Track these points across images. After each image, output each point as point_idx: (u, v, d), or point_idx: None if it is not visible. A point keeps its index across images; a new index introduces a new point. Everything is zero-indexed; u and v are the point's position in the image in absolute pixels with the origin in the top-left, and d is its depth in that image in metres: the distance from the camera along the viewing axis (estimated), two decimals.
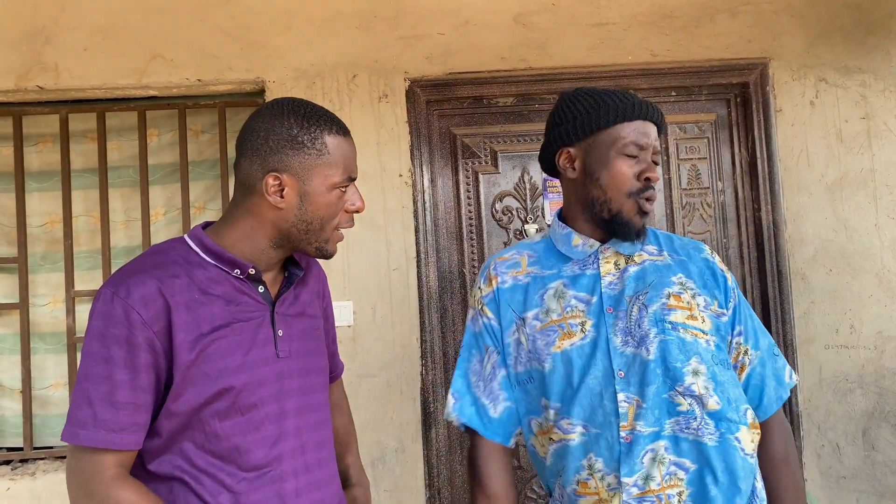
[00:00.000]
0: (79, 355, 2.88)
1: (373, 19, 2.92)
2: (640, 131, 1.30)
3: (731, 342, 1.33)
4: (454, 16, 2.94)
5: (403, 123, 2.92)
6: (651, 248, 1.37)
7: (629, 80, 3.00)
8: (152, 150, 3.00)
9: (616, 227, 1.31)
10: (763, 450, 1.34)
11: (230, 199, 2.86)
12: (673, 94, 3.04)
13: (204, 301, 1.16)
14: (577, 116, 1.34)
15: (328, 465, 1.29)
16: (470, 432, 1.41)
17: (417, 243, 2.90)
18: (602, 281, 1.32)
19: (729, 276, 1.36)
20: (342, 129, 1.24)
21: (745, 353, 1.34)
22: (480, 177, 3.02)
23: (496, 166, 3.03)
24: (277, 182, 1.18)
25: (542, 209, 3.01)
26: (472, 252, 2.99)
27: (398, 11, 2.93)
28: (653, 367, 1.24)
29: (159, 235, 2.96)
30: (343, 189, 1.22)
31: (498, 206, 3.01)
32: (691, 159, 3.07)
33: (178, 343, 1.12)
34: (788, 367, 1.40)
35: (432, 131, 2.99)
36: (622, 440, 1.24)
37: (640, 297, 1.28)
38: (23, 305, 2.90)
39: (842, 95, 3.02)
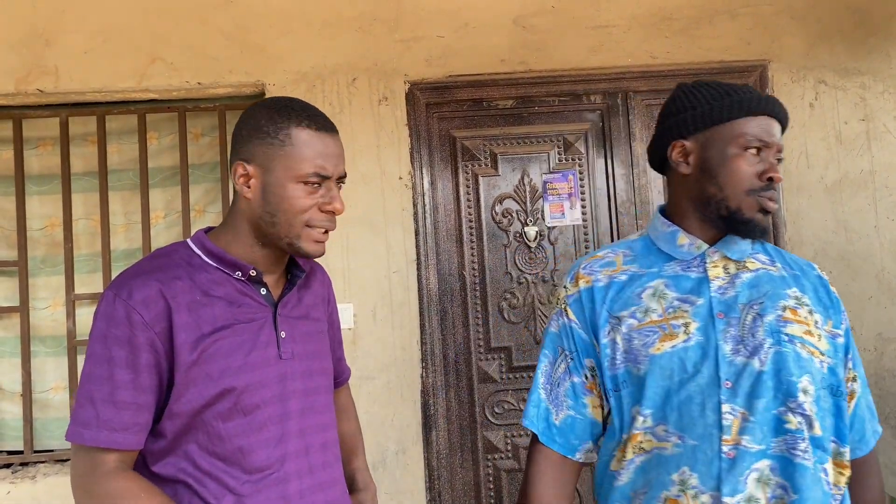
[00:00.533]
0: (79, 358, 2.88)
1: (372, 22, 2.92)
2: (763, 127, 1.20)
3: (846, 365, 1.25)
4: (454, 18, 2.95)
5: (403, 126, 2.92)
6: (763, 256, 1.27)
7: (629, 82, 3.00)
8: (152, 153, 3.00)
9: (737, 226, 1.21)
10: (860, 489, 1.25)
11: (229, 202, 2.85)
12: None
13: (205, 302, 1.16)
14: (697, 107, 1.24)
15: (333, 467, 1.29)
16: (532, 437, 1.33)
17: (417, 246, 2.90)
18: (711, 284, 1.22)
19: (838, 298, 1.28)
20: (320, 126, 1.21)
21: (854, 379, 1.25)
22: (480, 179, 3.02)
23: (496, 168, 3.03)
24: (245, 172, 1.19)
25: (542, 211, 3.01)
26: (472, 254, 2.99)
27: (398, 14, 2.93)
28: (765, 380, 1.15)
29: (159, 238, 2.96)
30: (313, 184, 1.19)
31: (498, 208, 3.01)
32: None
33: (180, 344, 1.13)
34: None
35: (432, 134, 3.00)
36: (724, 455, 1.14)
37: (755, 306, 1.19)
38: (23, 308, 2.90)
39: (841, 97, 3.02)
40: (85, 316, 2.91)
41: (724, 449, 1.14)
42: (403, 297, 2.87)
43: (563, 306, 1.33)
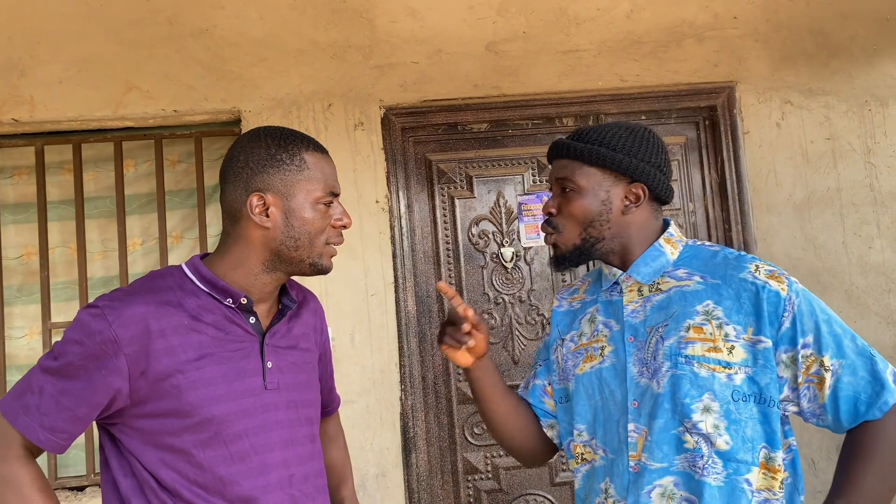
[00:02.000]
0: None
1: (347, 49, 2.97)
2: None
3: (796, 359, 1.20)
4: (427, 45, 3.00)
5: (379, 150, 2.95)
6: (681, 271, 1.30)
7: (599, 104, 3.06)
8: (129, 180, 3.01)
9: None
10: (856, 458, 1.21)
11: (206, 228, 2.86)
12: (643, 118, 3.10)
13: (193, 327, 1.17)
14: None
15: (316, 498, 1.29)
16: None
17: (395, 268, 2.93)
18: (625, 309, 1.31)
19: (781, 287, 1.21)
20: (320, 148, 1.27)
21: (821, 364, 1.19)
22: (456, 201, 3.06)
23: (472, 191, 3.07)
24: (261, 202, 1.21)
25: (518, 232, 3.05)
26: (450, 276, 3.02)
27: (372, 41, 2.97)
28: (662, 401, 1.22)
29: (136, 266, 2.96)
30: (327, 204, 1.25)
31: (474, 230, 3.05)
32: None
33: (160, 369, 1.13)
34: (889, 367, 1.21)
35: (408, 157, 3.03)
36: (631, 469, 1.24)
37: (660, 329, 1.26)
38: None
39: (807, 117, 3.10)
40: None
41: (631, 464, 1.25)
42: (381, 320, 2.89)
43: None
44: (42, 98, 2.86)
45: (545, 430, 1.46)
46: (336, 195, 1.27)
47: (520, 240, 3.06)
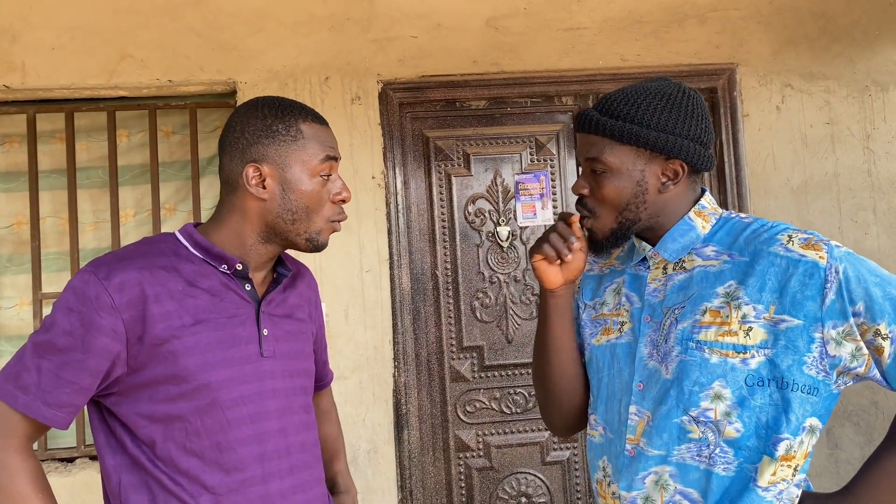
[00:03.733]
0: None
1: (345, 22, 2.92)
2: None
3: (851, 333, 1.08)
4: (426, 19, 2.96)
5: (376, 126, 2.92)
6: (710, 249, 1.20)
7: (599, 84, 3.04)
8: (122, 150, 2.97)
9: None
10: None
11: (200, 200, 2.84)
12: None
13: (188, 293, 1.16)
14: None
15: (314, 467, 1.28)
16: None
17: (390, 245, 2.91)
18: (647, 287, 1.24)
19: (820, 255, 1.10)
20: (318, 118, 1.25)
21: (877, 333, 1.06)
22: (453, 179, 3.03)
23: (469, 169, 3.04)
24: (258, 173, 1.19)
25: (515, 211, 3.04)
26: (445, 254, 3.00)
27: (370, 14, 2.93)
28: (668, 388, 1.16)
29: (129, 237, 2.93)
30: (325, 177, 1.23)
31: (471, 208, 3.03)
32: None
33: (155, 333, 1.12)
34: None
35: (405, 134, 3.00)
36: (627, 452, 1.19)
37: (676, 311, 1.18)
38: None
39: (807, 101, 3.08)
40: None
41: (628, 447, 1.19)
42: (376, 297, 2.88)
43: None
44: (34, 65, 2.81)
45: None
46: (335, 160, 1.25)
47: (516, 219, 3.04)
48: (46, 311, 2.87)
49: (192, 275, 1.18)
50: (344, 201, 1.26)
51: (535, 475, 2.97)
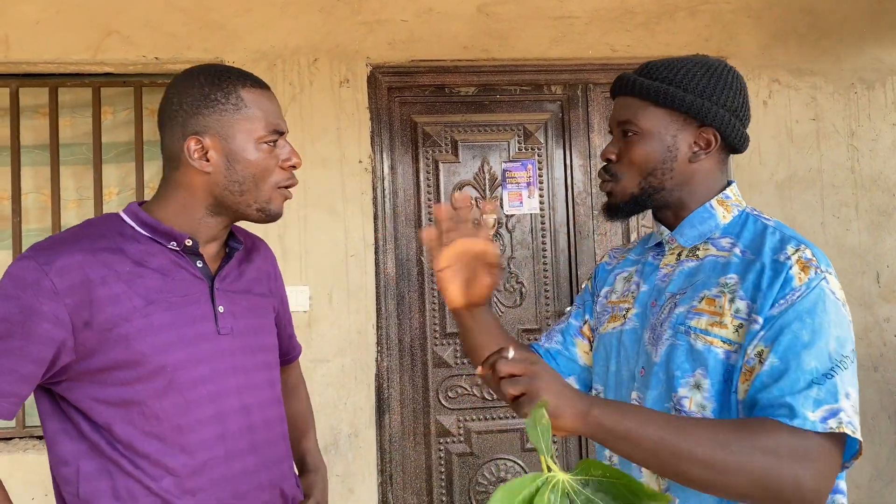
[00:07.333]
0: None
1: (335, 3, 2.90)
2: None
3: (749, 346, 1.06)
4: (417, 3, 2.94)
5: (364, 109, 2.91)
6: (726, 240, 1.16)
7: (589, 74, 3.04)
8: (106, 127, 2.94)
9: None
10: None
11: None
12: None
13: (137, 274, 1.12)
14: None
15: (278, 444, 1.26)
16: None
17: (376, 230, 2.91)
18: (658, 272, 1.22)
19: (801, 277, 1.05)
20: (258, 83, 1.20)
21: (759, 354, 1.03)
22: (441, 165, 3.03)
23: (456, 155, 3.04)
24: (199, 145, 1.15)
25: (502, 199, 3.04)
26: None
27: None
28: (657, 371, 1.14)
29: None
30: (271, 143, 1.18)
31: (457, 194, 3.02)
32: None
33: (104, 318, 1.08)
34: (843, 416, 0.97)
35: (393, 118, 2.99)
36: None
37: (677, 296, 1.16)
38: None
39: (793, 96, 3.10)
40: None
41: None
42: (360, 281, 2.87)
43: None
44: (18, 38, 2.77)
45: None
46: (281, 133, 1.20)
47: (502, 207, 3.04)
48: None
49: (140, 255, 1.13)
50: (294, 167, 1.21)
51: (514, 461, 3.00)
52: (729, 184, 1.22)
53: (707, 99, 1.15)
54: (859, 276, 3.07)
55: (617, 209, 1.22)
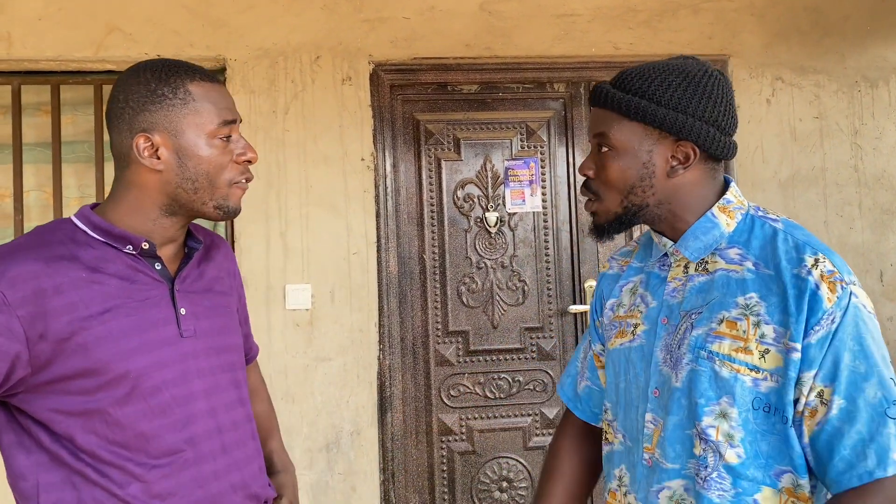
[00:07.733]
0: None
1: (338, 1, 2.90)
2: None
3: (800, 379, 1.01)
4: (420, 0, 2.93)
5: (367, 107, 2.91)
6: (734, 251, 1.11)
7: (591, 72, 3.03)
8: None
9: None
10: None
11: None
12: None
13: (93, 280, 1.08)
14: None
15: (247, 444, 1.24)
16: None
17: (378, 228, 2.90)
18: (667, 286, 1.16)
19: (830, 297, 1.01)
20: (208, 76, 1.16)
21: (819, 395, 1.00)
22: (443, 163, 3.02)
23: (459, 153, 3.03)
24: (149, 143, 1.11)
25: (504, 198, 3.03)
26: (433, 238, 3.00)
27: None
28: (677, 397, 1.09)
29: None
30: (224, 138, 1.14)
31: (460, 193, 3.02)
32: None
33: (59, 328, 1.04)
34: None
35: (396, 116, 2.99)
36: (644, 462, 1.13)
37: (693, 315, 1.10)
38: None
39: (797, 95, 3.09)
40: None
41: (645, 456, 1.13)
42: (362, 280, 2.87)
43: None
44: (20, 35, 2.76)
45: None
46: (232, 123, 1.16)
47: (505, 205, 3.04)
48: None
49: (95, 261, 1.09)
50: (249, 162, 1.18)
51: (516, 460, 2.99)
52: (727, 184, 1.16)
53: (682, 112, 1.09)
54: (863, 275, 3.06)
55: (604, 230, 1.18)
